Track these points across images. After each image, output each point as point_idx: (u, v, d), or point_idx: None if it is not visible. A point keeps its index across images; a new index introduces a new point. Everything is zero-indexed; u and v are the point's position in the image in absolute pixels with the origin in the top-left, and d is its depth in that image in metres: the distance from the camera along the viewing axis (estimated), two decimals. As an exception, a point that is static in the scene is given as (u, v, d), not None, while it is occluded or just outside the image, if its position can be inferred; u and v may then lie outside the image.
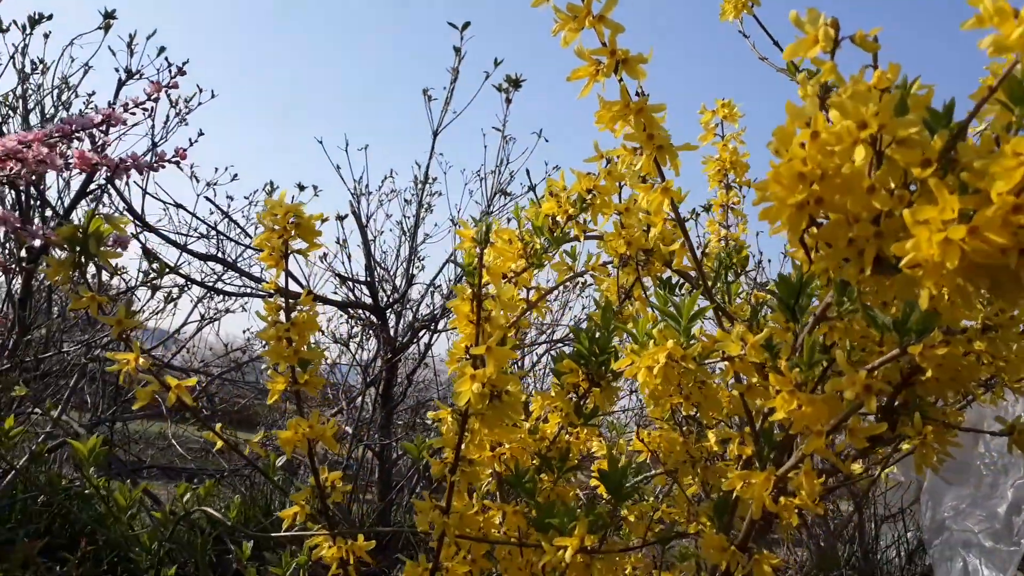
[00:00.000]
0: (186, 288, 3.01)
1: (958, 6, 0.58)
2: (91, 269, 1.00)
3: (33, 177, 1.39)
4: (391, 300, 2.76)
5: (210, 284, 2.96)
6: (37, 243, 1.85)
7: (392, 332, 2.62)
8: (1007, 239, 0.52)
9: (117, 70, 2.41)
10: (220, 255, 2.91)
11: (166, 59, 2.31)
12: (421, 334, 2.79)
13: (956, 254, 0.53)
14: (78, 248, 0.92)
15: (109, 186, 2.33)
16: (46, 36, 2.83)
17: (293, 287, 2.30)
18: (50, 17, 2.48)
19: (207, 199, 2.90)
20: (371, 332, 2.95)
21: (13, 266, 2.44)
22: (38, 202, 2.65)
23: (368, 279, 2.64)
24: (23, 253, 2.48)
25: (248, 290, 2.82)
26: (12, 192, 2.49)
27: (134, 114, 1.27)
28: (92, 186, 2.40)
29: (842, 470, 1.05)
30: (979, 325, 0.94)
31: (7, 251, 2.72)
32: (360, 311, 2.80)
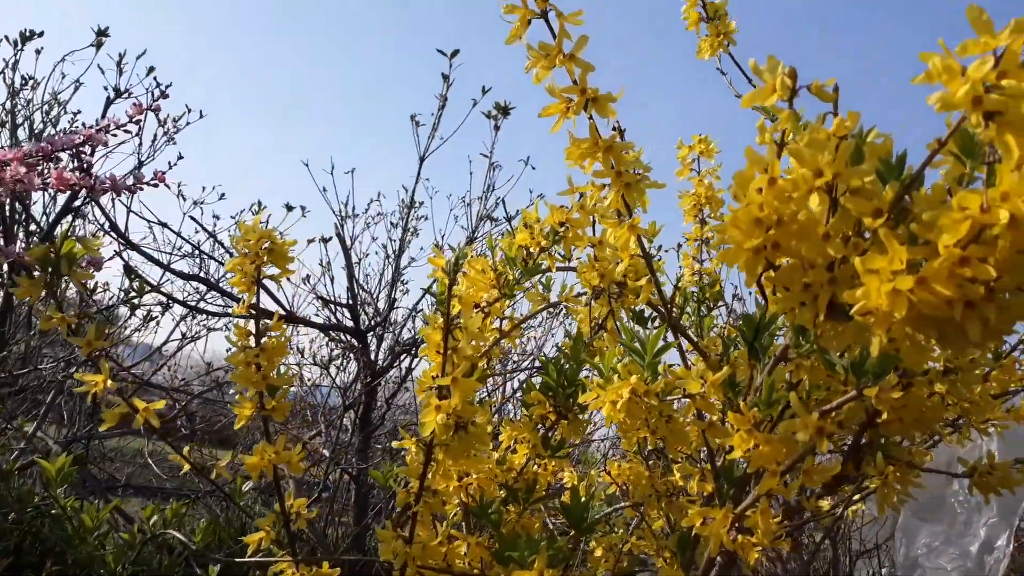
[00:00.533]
0: (168, 307, 3.00)
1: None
2: (72, 287, 1.01)
3: (21, 192, 1.39)
4: (373, 323, 2.76)
5: (192, 303, 2.96)
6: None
7: (373, 355, 2.62)
8: (952, 291, 0.53)
9: (106, 88, 2.43)
10: (203, 275, 2.91)
11: (155, 79, 2.33)
12: (402, 358, 2.79)
13: (904, 304, 0.54)
14: (50, 269, 0.93)
15: (93, 204, 2.33)
16: (38, 52, 2.85)
17: (276, 309, 2.30)
18: (41, 34, 2.49)
19: (192, 218, 2.90)
20: (351, 355, 2.95)
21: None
22: (23, 216, 2.65)
23: (350, 302, 2.64)
24: (5, 268, 2.47)
25: (230, 310, 2.82)
26: (-4, 206, 2.49)
27: (115, 135, 1.28)
28: (77, 203, 2.40)
29: (806, 507, 1.06)
30: (941, 367, 0.96)
31: (-12, 265, 2.71)
32: (341, 334, 2.80)
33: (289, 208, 3.25)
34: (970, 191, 0.54)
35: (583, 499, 0.91)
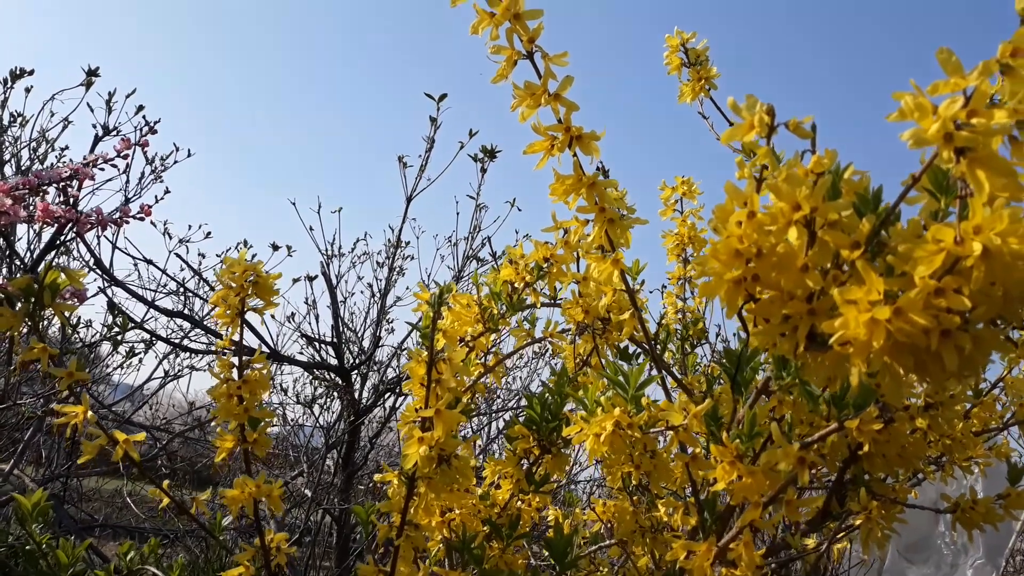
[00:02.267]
0: (151, 344, 2.98)
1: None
2: (56, 323, 1.00)
3: (5, 225, 1.38)
4: (357, 362, 2.75)
5: (176, 341, 2.94)
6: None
7: (357, 394, 2.60)
8: (928, 321, 0.54)
9: (95, 126, 2.44)
10: (188, 312, 2.90)
11: (144, 117, 2.34)
12: (386, 397, 2.78)
13: (882, 334, 0.55)
14: (33, 299, 0.92)
15: (78, 239, 2.33)
16: (27, 90, 2.86)
17: (260, 346, 2.29)
18: (31, 72, 2.50)
19: (177, 255, 2.90)
20: (335, 394, 2.93)
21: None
22: (7, 252, 2.64)
23: (335, 340, 2.63)
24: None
25: (214, 348, 2.80)
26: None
27: (103, 170, 1.29)
28: (61, 238, 2.39)
29: (790, 543, 1.06)
30: (922, 403, 0.96)
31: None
32: (325, 372, 2.78)
33: (275, 247, 3.25)
34: (944, 224, 0.55)
35: (567, 534, 0.90)
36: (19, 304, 0.94)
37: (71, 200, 1.43)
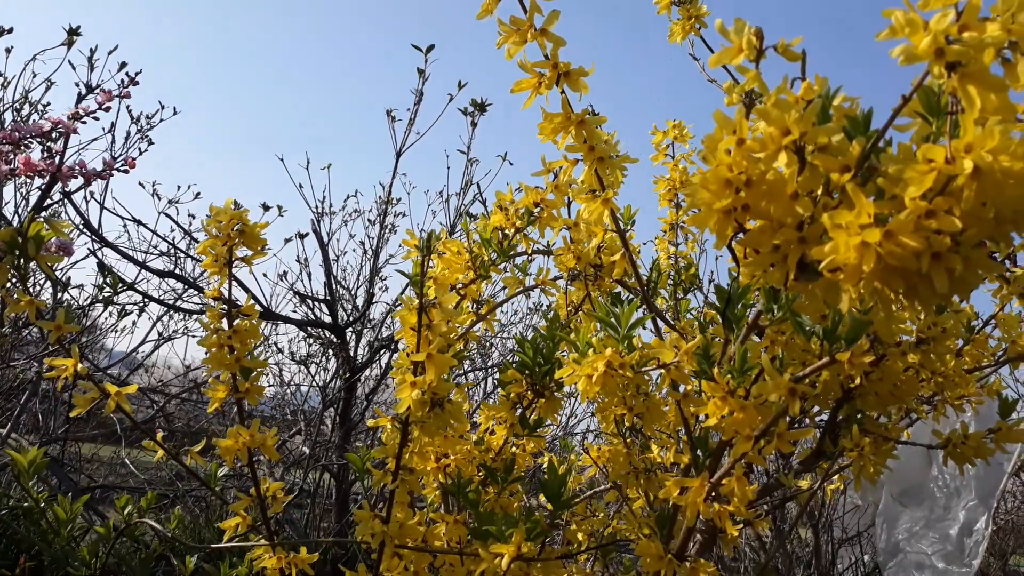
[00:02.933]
0: (143, 305, 2.97)
1: None
2: (48, 289, 0.99)
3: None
4: (351, 319, 2.75)
5: (169, 302, 2.93)
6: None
7: (352, 352, 2.61)
8: (919, 243, 0.53)
9: (77, 84, 2.40)
10: (179, 273, 2.89)
11: (127, 74, 2.30)
12: (381, 353, 2.78)
13: (872, 257, 0.54)
14: (17, 252, 0.91)
15: (66, 201, 2.30)
16: (8, 51, 2.81)
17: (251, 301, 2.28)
18: (11, 30, 2.45)
19: (166, 215, 2.87)
20: (330, 352, 2.93)
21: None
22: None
23: (328, 298, 2.63)
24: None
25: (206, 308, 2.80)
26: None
27: (85, 123, 1.27)
28: (49, 202, 2.37)
29: (784, 483, 1.07)
30: (913, 339, 0.96)
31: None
32: (319, 330, 2.78)
33: (266, 207, 3.23)
34: (935, 144, 0.54)
35: (560, 473, 0.91)
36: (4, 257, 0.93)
37: (55, 155, 1.41)
